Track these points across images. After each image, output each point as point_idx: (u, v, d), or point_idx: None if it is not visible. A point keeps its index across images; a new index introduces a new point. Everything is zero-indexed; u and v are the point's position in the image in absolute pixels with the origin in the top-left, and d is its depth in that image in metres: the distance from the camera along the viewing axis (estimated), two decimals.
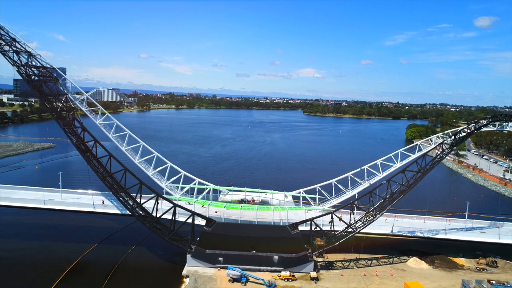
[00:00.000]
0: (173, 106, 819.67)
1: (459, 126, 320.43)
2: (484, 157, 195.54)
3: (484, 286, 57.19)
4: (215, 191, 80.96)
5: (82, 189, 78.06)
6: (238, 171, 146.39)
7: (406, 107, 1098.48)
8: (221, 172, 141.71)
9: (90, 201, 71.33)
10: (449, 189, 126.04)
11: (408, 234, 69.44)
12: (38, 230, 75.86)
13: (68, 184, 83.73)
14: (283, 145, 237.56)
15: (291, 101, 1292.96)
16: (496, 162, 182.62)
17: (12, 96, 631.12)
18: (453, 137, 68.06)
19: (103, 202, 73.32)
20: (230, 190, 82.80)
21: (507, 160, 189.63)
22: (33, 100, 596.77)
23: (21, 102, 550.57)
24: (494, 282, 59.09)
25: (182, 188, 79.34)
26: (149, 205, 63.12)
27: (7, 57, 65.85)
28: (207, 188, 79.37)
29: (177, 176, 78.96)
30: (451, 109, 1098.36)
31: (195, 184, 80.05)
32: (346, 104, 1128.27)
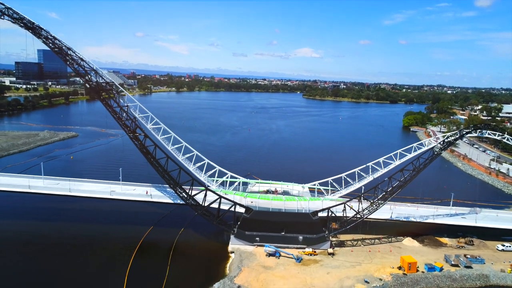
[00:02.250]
0: (174, 88, 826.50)
1: (454, 113, 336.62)
2: (474, 146, 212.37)
3: (461, 259, 74.75)
4: (244, 183, 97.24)
5: (132, 181, 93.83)
6: (252, 161, 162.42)
7: (404, 90, 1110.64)
8: (237, 162, 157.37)
9: (140, 191, 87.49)
10: (439, 178, 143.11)
11: (403, 219, 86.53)
12: (105, 215, 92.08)
13: (109, 175, 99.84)
14: (289, 134, 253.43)
15: (290, 83, 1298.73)
16: (485, 151, 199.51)
17: (14, 78, 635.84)
18: (442, 142, 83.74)
19: (147, 193, 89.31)
20: (256, 183, 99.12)
21: (495, 149, 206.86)
22: (35, 82, 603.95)
23: (24, 86, 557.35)
24: (469, 256, 76.76)
25: (214, 179, 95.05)
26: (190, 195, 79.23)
27: (80, 76, 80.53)
28: (237, 181, 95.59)
29: (212, 171, 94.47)
30: (448, 91, 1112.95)
31: (227, 177, 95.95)
32: (344, 87, 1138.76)
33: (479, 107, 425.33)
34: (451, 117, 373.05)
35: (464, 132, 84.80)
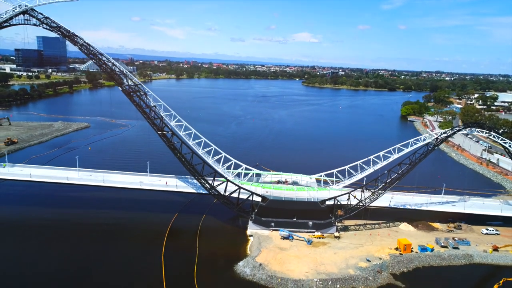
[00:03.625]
0: (173, 75, 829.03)
1: (451, 102, 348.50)
2: (468, 136, 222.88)
3: (450, 241, 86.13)
4: (257, 174, 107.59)
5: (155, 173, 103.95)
6: (259, 151, 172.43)
7: (402, 76, 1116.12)
8: (245, 152, 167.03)
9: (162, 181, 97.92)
10: (433, 168, 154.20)
11: (400, 207, 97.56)
12: (134, 203, 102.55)
13: (129, 166, 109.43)
14: (291, 124, 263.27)
15: (288, 70, 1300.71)
16: (478, 141, 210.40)
17: (14, 65, 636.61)
18: (435, 139, 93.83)
19: (166, 183, 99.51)
20: (268, 174, 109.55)
21: (488, 139, 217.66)
22: (36, 70, 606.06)
23: (25, 73, 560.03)
24: (456, 239, 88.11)
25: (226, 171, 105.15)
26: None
27: (113, 79, 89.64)
28: (251, 172, 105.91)
29: (228, 163, 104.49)
30: (446, 78, 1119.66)
31: (242, 169, 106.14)
32: (343, 73, 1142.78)
33: (475, 96, 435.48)
34: (448, 106, 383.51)
35: (456, 130, 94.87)
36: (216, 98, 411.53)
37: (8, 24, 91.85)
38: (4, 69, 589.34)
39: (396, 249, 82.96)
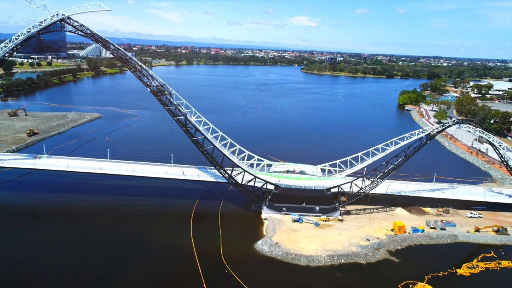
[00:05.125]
0: (173, 62, 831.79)
1: (448, 91, 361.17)
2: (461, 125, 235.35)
3: (438, 223, 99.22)
4: (268, 164, 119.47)
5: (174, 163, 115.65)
6: (265, 141, 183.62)
7: (400, 62, 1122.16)
8: (252, 142, 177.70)
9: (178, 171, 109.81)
10: (427, 156, 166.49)
11: (396, 193, 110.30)
12: (160, 191, 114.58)
13: (146, 156, 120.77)
14: (294, 113, 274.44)
15: (287, 55, 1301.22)
16: (469, 131, 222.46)
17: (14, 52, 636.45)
18: (428, 135, 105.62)
19: (183, 173, 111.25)
20: (278, 164, 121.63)
21: (479, 129, 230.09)
22: (36, 56, 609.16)
23: (26, 60, 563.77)
24: (444, 221, 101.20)
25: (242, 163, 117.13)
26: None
27: (142, 82, 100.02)
28: (263, 163, 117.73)
29: (242, 155, 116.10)
30: (444, 64, 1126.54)
31: (255, 160, 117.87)
32: (342, 59, 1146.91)
33: (471, 84, 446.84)
34: (444, 95, 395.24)
35: (446, 126, 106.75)
36: (218, 87, 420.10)
37: (45, 31, 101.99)
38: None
39: (392, 230, 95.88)
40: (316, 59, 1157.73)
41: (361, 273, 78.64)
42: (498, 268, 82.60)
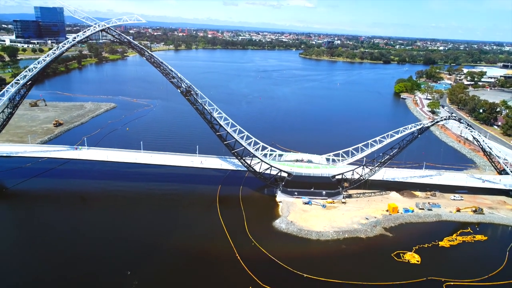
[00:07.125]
0: (172, 47, 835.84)
1: (442, 78, 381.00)
2: (453, 114, 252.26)
3: (426, 205, 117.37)
4: (280, 154, 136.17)
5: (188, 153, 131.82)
6: (271, 131, 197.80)
7: (397, 46, 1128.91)
8: (260, 132, 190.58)
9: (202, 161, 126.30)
10: (419, 145, 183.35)
11: (391, 179, 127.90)
12: (186, 178, 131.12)
13: (167, 146, 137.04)
14: (296, 102, 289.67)
15: (284, 38, 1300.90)
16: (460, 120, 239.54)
17: (13, 37, 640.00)
18: (419, 129, 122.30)
19: (201, 162, 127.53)
20: (288, 154, 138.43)
21: (470, 118, 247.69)
22: (35, 41, 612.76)
23: (26, 45, 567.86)
24: (431, 203, 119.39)
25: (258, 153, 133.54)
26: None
27: (174, 84, 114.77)
28: (275, 153, 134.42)
29: (257, 146, 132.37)
30: (440, 47, 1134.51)
31: (268, 150, 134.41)
32: (339, 42, 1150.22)
33: (465, 71, 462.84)
34: (439, 82, 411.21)
35: (434, 122, 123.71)
36: (220, 74, 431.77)
37: (87, 39, 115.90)
38: (4, 41, 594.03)
39: (387, 210, 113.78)
40: (314, 42, 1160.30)
41: (362, 245, 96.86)
42: (473, 241, 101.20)
